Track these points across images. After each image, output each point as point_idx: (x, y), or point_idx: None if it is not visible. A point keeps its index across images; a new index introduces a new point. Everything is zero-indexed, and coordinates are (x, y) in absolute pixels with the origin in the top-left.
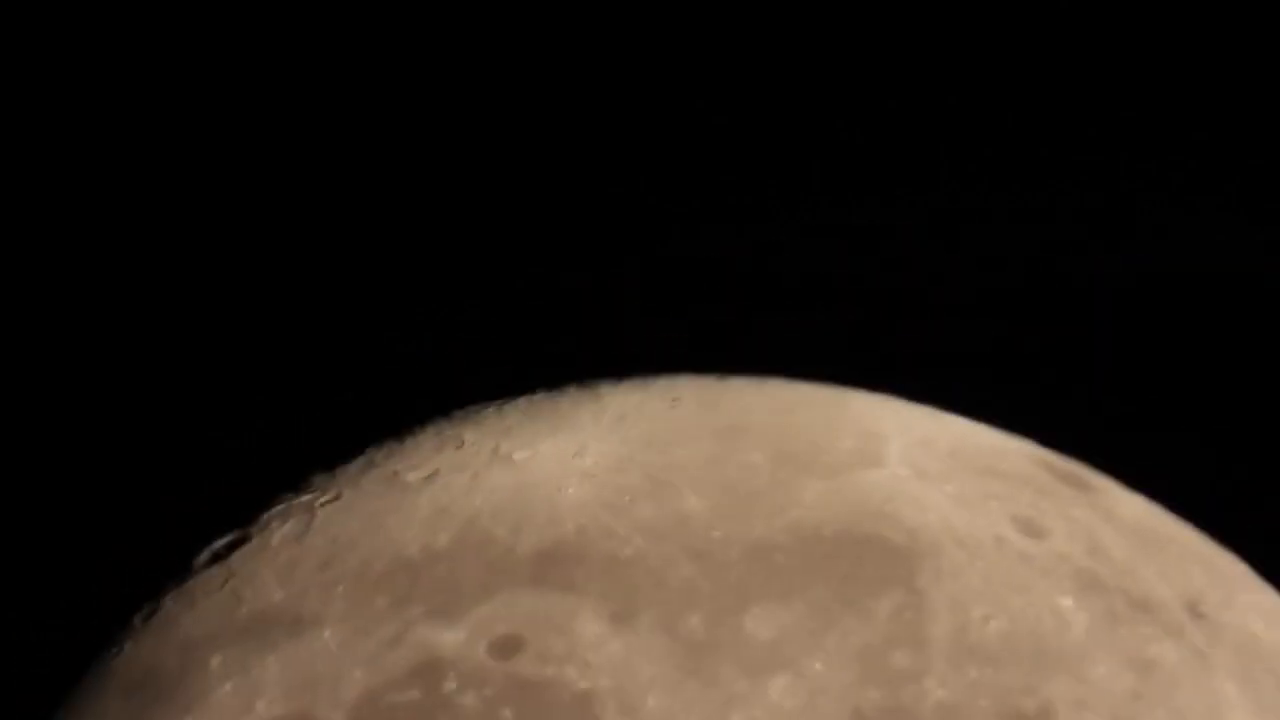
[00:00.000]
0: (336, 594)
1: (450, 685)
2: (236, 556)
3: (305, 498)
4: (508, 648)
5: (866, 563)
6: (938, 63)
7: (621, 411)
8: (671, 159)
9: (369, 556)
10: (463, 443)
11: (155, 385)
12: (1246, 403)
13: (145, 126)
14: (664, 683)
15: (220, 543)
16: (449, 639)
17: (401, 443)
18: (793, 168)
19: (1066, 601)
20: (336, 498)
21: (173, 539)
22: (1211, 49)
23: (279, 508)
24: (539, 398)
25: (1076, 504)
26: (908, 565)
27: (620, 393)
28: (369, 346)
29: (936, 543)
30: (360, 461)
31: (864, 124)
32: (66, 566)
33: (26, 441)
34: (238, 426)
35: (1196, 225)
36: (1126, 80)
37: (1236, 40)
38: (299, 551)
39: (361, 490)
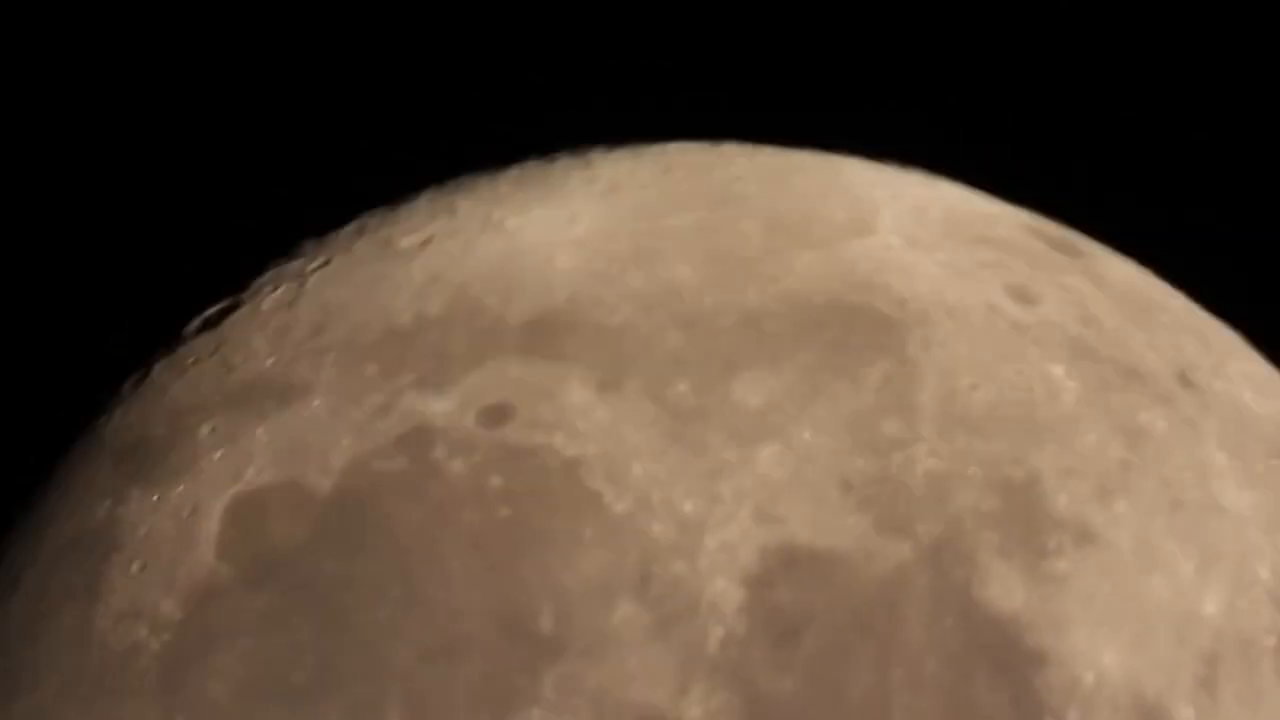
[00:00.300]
0: (327, 362)
1: (439, 453)
2: (227, 324)
3: (296, 264)
4: (496, 415)
5: (856, 331)
6: None
7: (613, 179)
8: None
9: (360, 324)
10: (455, 210)
11: (148, 152)
12: (1242, 168)
13: None
14: (651, 450)
15: (211, 310)
16: (438, 407)
17: (394, 210)
18: None
19: (1057, 370)
20: (327, 264)
21: (163, 306)
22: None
23: (270, 274)
24: (531, 166)
25: (1068, 272)
26: (898, 334)
27: (612, 161)
28: (361, 114)
29: (927, 311)
30: (352, 228)
31: None
32: (56, 334)
33: (16, 207)
34: (230, 193)
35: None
36: None
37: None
38: (290, 318)
39: (353, 257)
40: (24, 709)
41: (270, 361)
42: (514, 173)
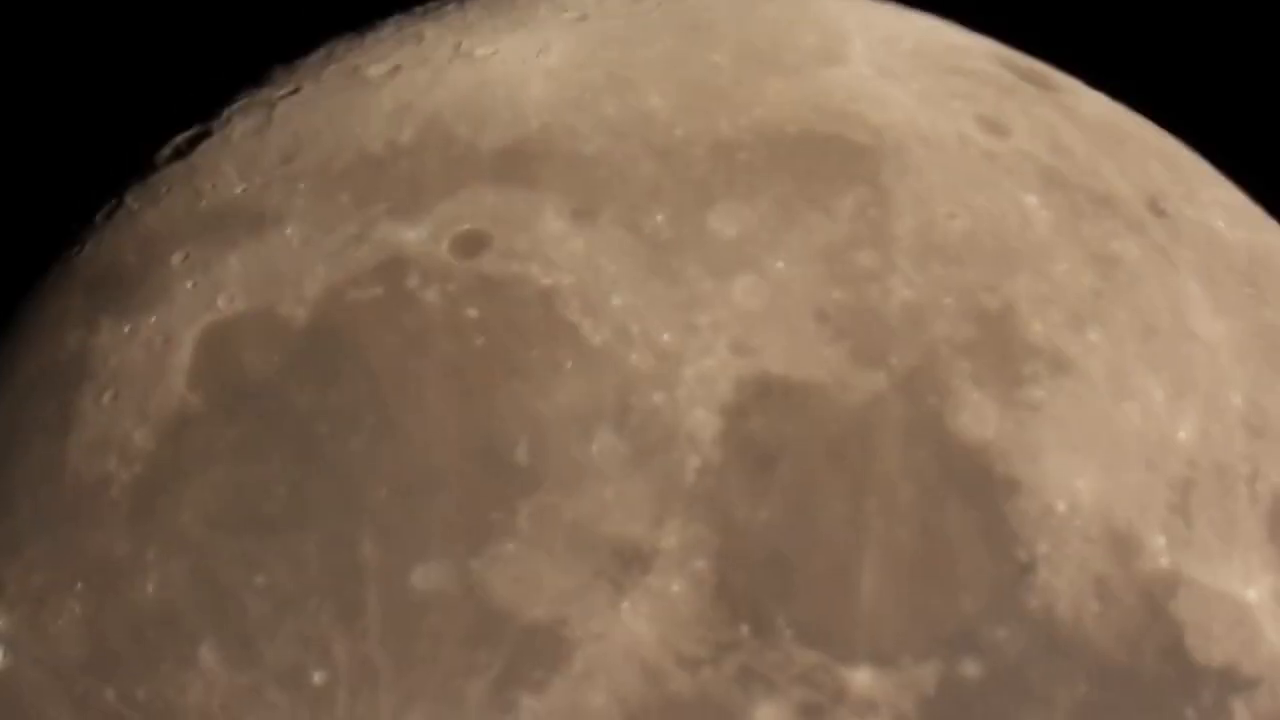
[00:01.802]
0: (298, 190)
1: (413, 282)
2: (198, 152)
3: (265, 91)
4: (471, 245)
5: (830, 161)
6: None
7: (583, 8)
8: None
9: (331, 152)
10: (423, 38)
11: None
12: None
13: None
14: (627, 281)
15: (181, 137)
16: (412, 236)
17: (361, 37)
18: None
19: (1030, 199)
20: (297, 91)
21: (133, 134)
22: None
23: (240, 102)
24: None
25: (1040, 102)
26: (871, 163)
27: None
28: None
29: (900, 141)
30: (319, 54)
31: None
32: (25, 161)
33: None
34: (196, 18)
35: None
36: None
37: None
38: (260, 146)
39: (322, 84)
40: None
41: (241, 189)
42: (480, 0)
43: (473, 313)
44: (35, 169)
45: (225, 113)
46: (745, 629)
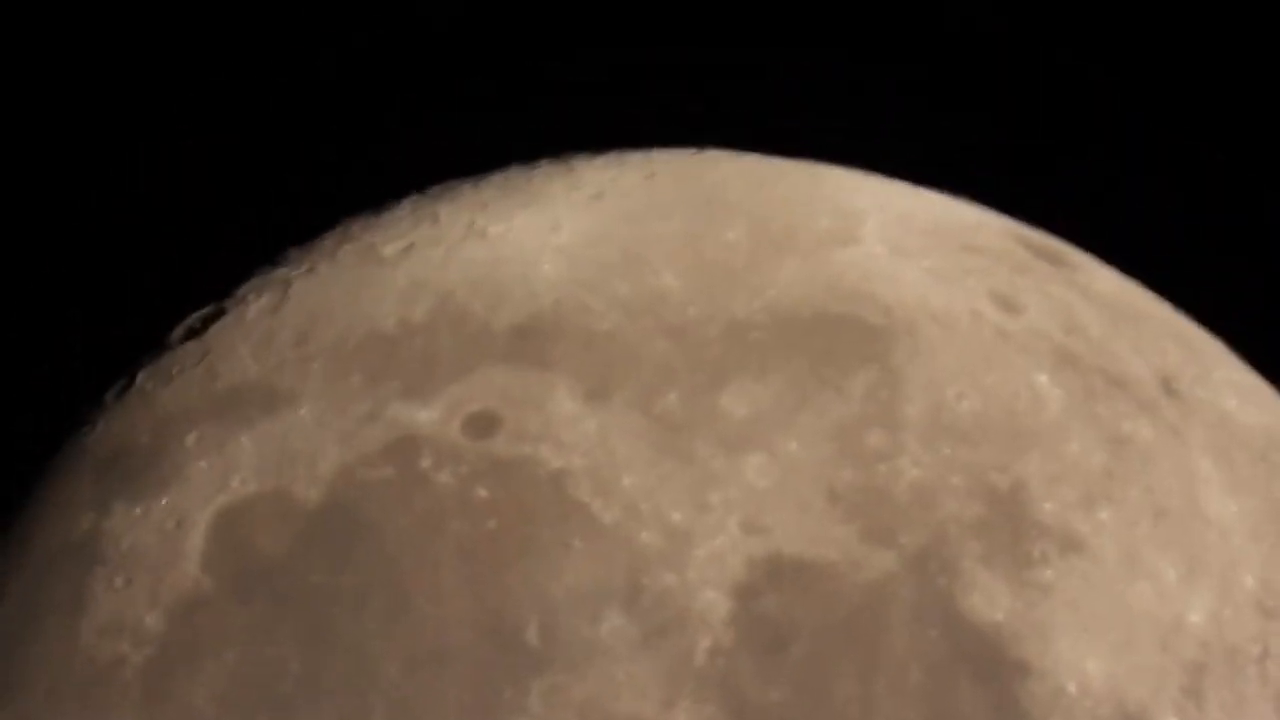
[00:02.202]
0: (312, 370)
1: (425, 462)
2: (212, 331)
3: (280, 271)
4: (483, 425)
5: (842, 341)
6: None
7: (598, 186)
8: None
9: (344, 331)
10: (438, 217)
11: (132, 161)
12: (1223, 178)
13: None
14: (639, 460)
15: (195, 317)
16: (424, 416)
17: (377, 216)
18: None
19: (1042, 378)
20: (311, 271)
21: (148, 314)
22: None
23: (254, 281)
24: (513, 172)
25: (1053, 280)
26: (883, 343)
27: (596, 167)
28: (343, 123)
29: (912, 320)
30: (335, 235)
31: None
32: (40, 342)
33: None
34: (213, 201)
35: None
36: None
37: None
38: (274, 325)
39: (337, 264)
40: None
41: (255, 369)
42: (496, 179)
43: (484, 494)
44: (47, 347)
45: (239, 292)
46: None
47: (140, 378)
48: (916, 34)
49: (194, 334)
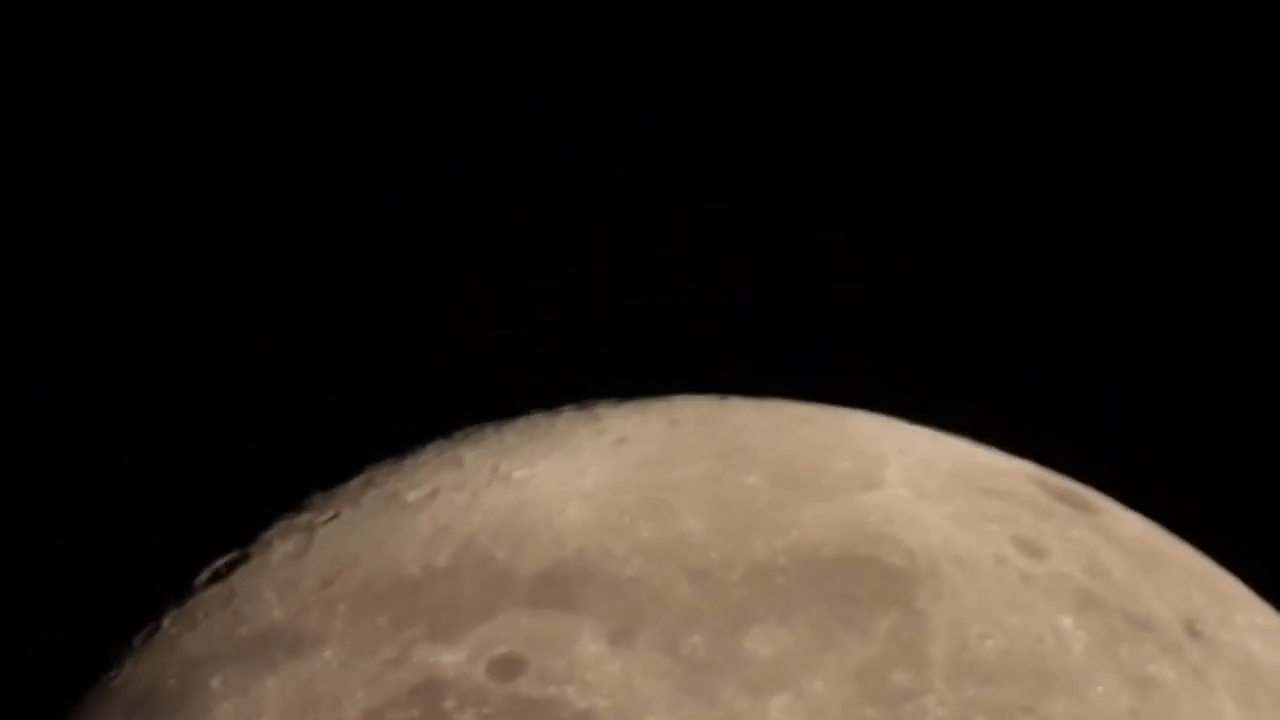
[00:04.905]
0: (337, 613)
1: (450, 704)
2: (237, 575)
3: (305, 516)
4: (508, 668)
5: (866, 583)
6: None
7: (621, 432)
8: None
9: (369, 576)
10: (462, 462)
11: (155, 404)
12: (1246, 421)
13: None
14: (664, 702)
15: (221, 561)
16: (449, 659)
17: (401, 462)
18: (783, 181)
19: (1066, 621)
20: (336, 516)
21: (173, 558)
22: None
23: (279, 526)
24: (538, 418)
25: (1076, 524)
26: (907, 586)
27: (619, 414)
28: (368, 366)
29: (935, 563)
30: (360, 480)
31: (847, 137)
32: (65, 587)
33: (26, 461)
34: (237, 446)
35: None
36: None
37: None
38: (299, 570)
39: (361, 509)
40: None
41: (280, 612)
42: (519, 425)
43: None
44: (71, 592)
45: (264, 537)
46: None
47: (165, 622)
48: (933, 284)
49: (219, 578)
